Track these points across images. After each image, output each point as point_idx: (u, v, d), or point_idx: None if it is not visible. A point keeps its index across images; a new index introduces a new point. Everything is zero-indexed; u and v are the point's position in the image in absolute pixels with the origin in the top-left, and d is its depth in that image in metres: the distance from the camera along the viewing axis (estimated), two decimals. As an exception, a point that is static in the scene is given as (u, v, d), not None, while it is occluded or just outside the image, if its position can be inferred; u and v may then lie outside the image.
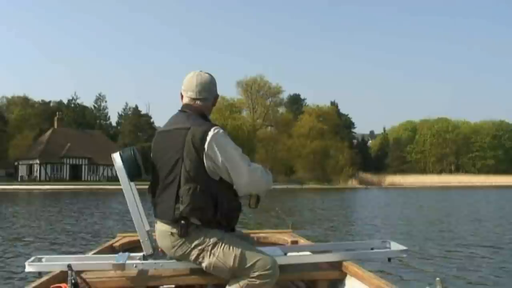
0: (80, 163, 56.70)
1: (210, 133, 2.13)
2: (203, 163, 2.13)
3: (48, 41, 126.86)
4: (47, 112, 63.25)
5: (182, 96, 2.34)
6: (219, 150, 2.12)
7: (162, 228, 2.23)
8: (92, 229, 12.31)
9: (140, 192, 2.41)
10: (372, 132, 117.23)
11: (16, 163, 57.04)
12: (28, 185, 46.75)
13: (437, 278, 1.84)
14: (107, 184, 45.96)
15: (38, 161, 54.15)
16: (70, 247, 9.08)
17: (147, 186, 2.34)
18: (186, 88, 2.31)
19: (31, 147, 56.90)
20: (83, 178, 55.59)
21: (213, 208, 2.14)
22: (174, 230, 2.16)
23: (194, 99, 2.29)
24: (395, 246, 2.54)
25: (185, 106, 2.31)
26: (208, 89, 2.31)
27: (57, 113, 61.08)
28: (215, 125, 2.19)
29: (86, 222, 14.34)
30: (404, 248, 2.48)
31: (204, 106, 2.31)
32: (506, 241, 10.41)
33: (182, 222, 2.13)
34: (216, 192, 2.15)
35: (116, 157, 2.29)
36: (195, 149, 2.12)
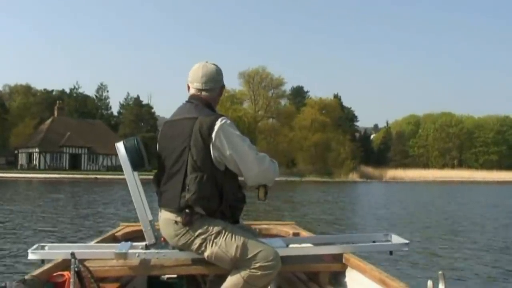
0: (80, 152, 56.58)
1: (218, 123, 2.14)
2: (210, 153, 2.14)
3: (54, 32, 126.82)
4: (49, 101, 63.16)
5: (188, 87, 2.36)
6: (226, 140, 2.13)
7: (166, 217, 2.23)
8: (94, 219, 12.36)
9: (143, 182, 2.41)
10: (376, 126, 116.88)
11: (16, 152, 57.10)
12: (27, 173, 46.75)
13: (440, 272, 1.84)
14: (106, 174, 46.10)
15: (37, 150, 54.20)
16: (72, 236, 9.12)
17: (149, 177, 2.35)
18: (192, 79, 2.32)
19: (31, 135, 56.90)
20: (82, 168, 55.42)
21: (218, 198, 2.15)
22: (179, 219, 2.17)
23: (200, 90, 2.30)
24: (396, 239, 2.54)
25: (192, 97, 2.32)
26: (213, 79, 2.31)
27: (57, 102, 60.85)
28: (222, 115, 2.21)
29: (87, 211, 14.39)
30: (406, 241, 2.48)
31: (210, 96, 2.32)
32: (505, 234, 10.43)
33: (187, 210, 2.14)
34: (222, 182, 2.16)
35: (120, 146, 2.28)
36: (202, 139, 2.13)
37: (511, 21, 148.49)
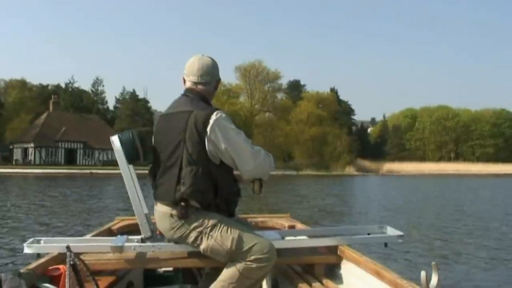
0: (76, 147, 56.24)
1: (213, 117, 2.14)
2: (205, 146, 2.14)
3: (49, 26, 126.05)
4: (44, 96, 62.72)
5: (184, 81, 2.35)
6: (221, 134, 2.13)
7: (161, 210, 2.23)
8: (89, 213, 12.35)
9: (139, 176, 2.41)
10: (373, 119, 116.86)
11: (11, 147, 56.78)
12: (22, 168, 46.47)
13: (433, 263, 1.86)
14: (102, 169, 45.80)
15: (32, 145, 53.84)
16: (68, 230, 9.11)
17: (144, 171, 2.34)
18: (188, 73, 2.31)
19: (26, 130, 56.57)
20: (78, 162, 55.21)
21: (213, 191, 2.16)
22: (174, 212, 2.17)
23: (196, 83, 2.30)
24: (391, 231, 2.56)
25: (188, 90, 2.32)
26: (209, 73, 2.31)
27: (53, 96, 60.34)
28: (218, 109, 2.20)
29: (83, 205, 14.38)
30: (400, 233, 2.50)
31: (206, 90, 2.32)
32: (498, 225, 10.51)
33: (182, 203, 2.14)
34: (217, 176, 2.16)
35: (115, 139, 2.27)
36: (197, 133, 2.13)
37: (507, 14, 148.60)
